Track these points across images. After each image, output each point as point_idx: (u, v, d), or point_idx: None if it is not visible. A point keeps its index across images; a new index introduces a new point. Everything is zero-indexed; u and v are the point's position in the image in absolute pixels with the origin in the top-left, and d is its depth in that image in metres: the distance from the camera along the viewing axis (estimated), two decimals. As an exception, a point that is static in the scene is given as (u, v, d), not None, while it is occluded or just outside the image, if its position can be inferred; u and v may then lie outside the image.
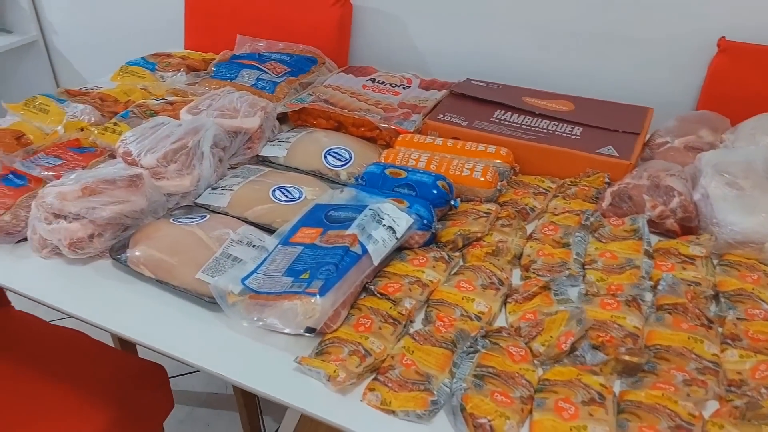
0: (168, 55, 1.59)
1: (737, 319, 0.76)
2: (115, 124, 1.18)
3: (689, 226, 0.92)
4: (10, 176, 1.04)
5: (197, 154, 1.01)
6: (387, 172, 0.99)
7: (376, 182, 0.98)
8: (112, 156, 1.12)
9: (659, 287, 0.81)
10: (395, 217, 0.86)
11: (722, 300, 0.80)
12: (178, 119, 1.13)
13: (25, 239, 0.93)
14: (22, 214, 0.96)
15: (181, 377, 1.85)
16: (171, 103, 1.24)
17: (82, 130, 1.21)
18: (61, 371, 1.16)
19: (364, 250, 0.80)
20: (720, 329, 0.75)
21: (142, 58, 1.57)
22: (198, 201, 1.00)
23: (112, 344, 1.59)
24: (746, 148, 0.97)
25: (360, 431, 0.65)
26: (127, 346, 1.61)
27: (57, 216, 0.87)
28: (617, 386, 0.69)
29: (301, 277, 0.76)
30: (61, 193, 0.86)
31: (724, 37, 1.23)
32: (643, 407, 0.64)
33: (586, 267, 0.87)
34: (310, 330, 0.71)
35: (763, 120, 1.05)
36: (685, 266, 0.85)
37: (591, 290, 0.82)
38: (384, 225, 0.84)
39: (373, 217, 0.84)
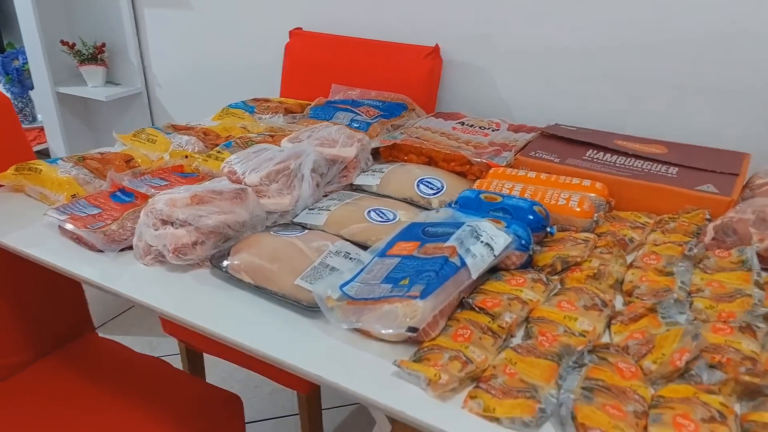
0: (267, 100, 1.69)
1: None
2: (218, 152, 1.25)
3: (803, 261, 0.87)
4: (119, 193, 1.12)
5: (298, 176, 1.06)
6: (482, 196, 1.00)
7: (471, 206, 0.99)
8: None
9: (776, 317, 0.76)
10: (493, 235, 0.86)
11: None
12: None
13: (129, 248, 0.98)
14: (128, 225, 1.01)
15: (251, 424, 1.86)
16: (271, 136, 1.31)
17: (186, 157, 1.29)
18: (141, 398, 1.19)
19: (463, 263, 0.80)
20: None
21: (242, 101, 1.68)
22: (295, 220, 1.04)
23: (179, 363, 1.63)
24: None
25: (462, 435, 0.63)
26: (195, 369, 1.64)
27: (164, 222, 0.92)
28: (737, 409, 0.64)
29: (401, 283, 0.77)
30: (171, 200, 0.92)
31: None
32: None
33: (692, 295, 0.83)
34: (413, 330, 0.70)
35: None
36: (801, 299, 0.80)
37: (700, 317, 0.78)
38: (482, 241, 0.84)
39: (472, 233, 0.85)
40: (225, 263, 0.90)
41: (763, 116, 1.30)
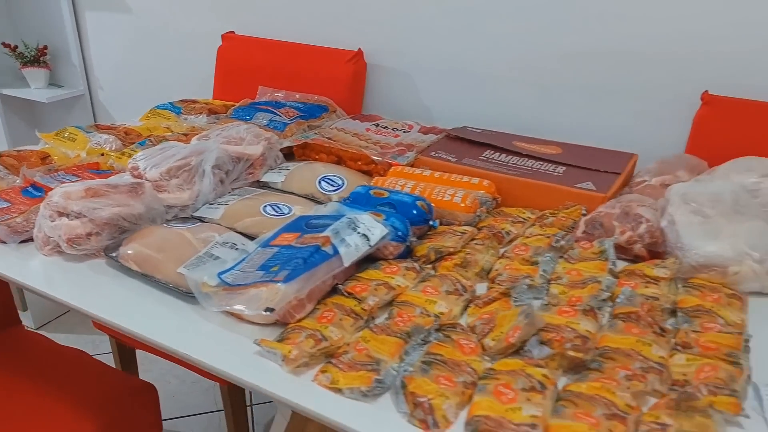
0: (194, 101, 1.73)
1: (693, 331, 0.77)
2: (132, 150, 1.29)
3: (656, 251, 0.95)
4: (30, 188, 1.14)
5: (199, 172, 1.10)
6: (371, 192, 1.05)
7: (361, 201, 1.04)
8: (127, 178, 1.22)
9: (618, 300, 0.83)
10: (370, 227, 0.91)
11: (680, 314, 0.81)
12: (189, 146, 1.23)
13: (31, 239, 1.01)
14: (33, 218, 1.04)
15: (180, 419, 1.88)
16: (185, 135, 1.35)
17: (102, 155, 1.32)
18: (59, 387, 1.21)
19: (336, 251, 0.85)
20: (672, 339, 0.77)
21: (170, 102, 1.71)
22: (195, 214, 1.08)
23: (113, 365, 1.66)
24: (716, 182, 1.01)
25: (308, 406, 0.68)
26: (127, 366, 1.66)
27: (61, 214, 0.95)
28: (563, 382, 0.71)
29: (272, 269, 0.81)
30: (66, 192, 0.95)
31: (707, 91, 1.29)
32: (582, 397, 0.65)
33: (551, 282, 0.90)
34: (269, 310, 0.75)
35: (738, 162, 1.09)
36: (648, 285, 0.87)
37: (552, 301, 0.84)
38: (358, 232, 0.89)
39: (349, 224, 0.90)
40: (115, 253, 0.93)
41: (657, 117, 1.39)
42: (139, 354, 1.69)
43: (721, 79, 1.29)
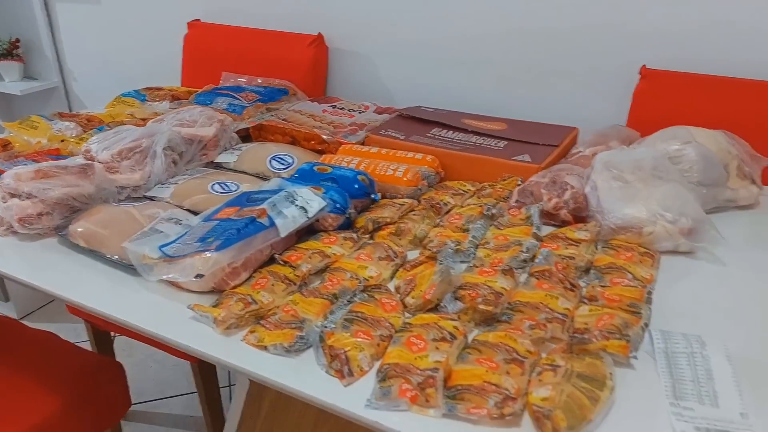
0: (158, 89, 1.76)
1: (600, 285, 0.82)
2: (91, 135, 1.33)
3: (581, 216, 1.00)
4: (-10, 174, 1.18)
5: (150, 154, 1.14)
6: (315, 168, 1.10)
7: (306, 177, 1.09)
8: (86, 163, 1.26)
9: (536, 260, 0.88)
10: (308, 199, 0.96)
11: (593, 272, 0.86)
12: (145, 130, 1.27)
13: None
14: (-7, 203, 1.09)
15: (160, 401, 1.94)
16: (144, 120, 1.39)
17: (62, 141, 1.36)
18: (26, 365, 1.26)
19: (272, 223, 0.90)
20: (581, 294, 0.82)
21: (135, 90, 1.75)
22: (147, 194, 1.12)
23: (90, 347, 1.70)
24: (638, 150, 1.06)
25: (235, 363, 0.73)
26: (104, 351, 1.71)
27: (13, 195, 1.00)
28: (474, 333, 0.76)
29: (207, 240, 0.86)
30: (17, 174, 0.99)
31: (645, 65, 1.34)
32: (487, 344, 0.71)
33: (479, 247, 0.95)
34: (199, 276, 0.80)
35: (665, 131, 1.14)
36: (569, 247, 0.92)
37: (477, 264, 0.89)
38: (296, 205, 0.94)
39: (287, 197, 0.95)
40: (65, 231, 0.98)
41: (600, 92, 1.44)
42: (120, 340, 1.74)
43: (659, 54, 1.34)
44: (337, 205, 0.99)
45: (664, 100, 1.32)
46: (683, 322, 0.78)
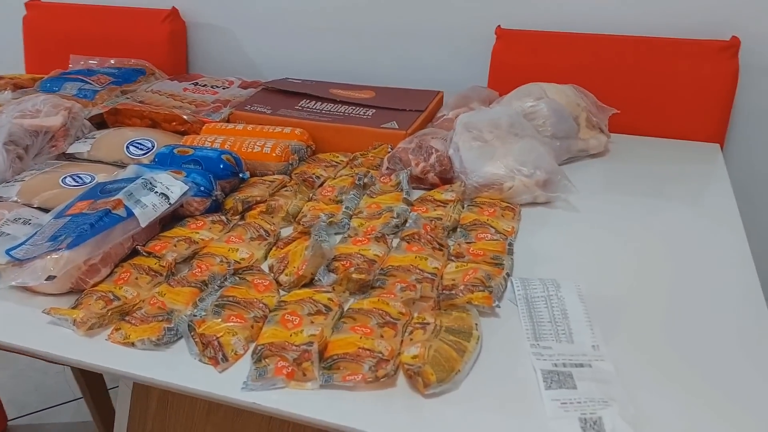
0: (0, 78, 1.59)
1: (466, 242, 0.86)
2: None
3: (447, 178, 1.03)
4: None
5: (-12, 150, 1.03)
6: (176, 151, 1.05)
7: (165, 161, 1.04)
8: None
9: (407, 225, 0.90)
10: (169, 185, 0.91)
11: (459, 230, 0.90)
12: (-19, 124, 1.14)
13: None
14: None
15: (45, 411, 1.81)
16: (-22, 113, 1.25)
17: None
18: None
19: (130, 213, 0.85)
20: (449, 252, 0.85)
21: (-31, 81, 1.57)
22: (-11, 194, 1.02)
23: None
24: (495, 109, 1.11)
25: (100, 364, 0.69)
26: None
27: None
28: (350, 303, 0.77)
29: (59, 239, 0.80)
30: None
31: (500, 25, 1.40)
32: (361, 312, 0.72)
33: (353, 217, 0.95)
34: (51, 277, 0.74)
35: (520, 90, 1.20)
36: (437, 209, 0.95)
37: (351, 234, 0.90)
38: (156, 192, 0.89)
39: (144, 185, 0.90)
40: None
41: (459, 54, 1.48)
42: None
43: (513, 14, 1.40)
44: (201, 188, 0.95)
45: (519, 58, 1.38)
46: (542, 268, 0.83)
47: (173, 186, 0.91)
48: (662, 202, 1.01)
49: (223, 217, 0.94)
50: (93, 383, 1.51)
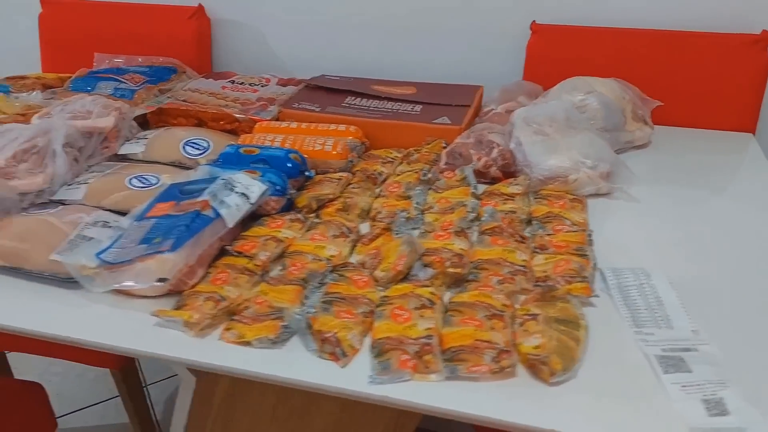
0: (22, 77, 1.56)
1: (546, 234, 0.89)
2: (-38, 138, 1.16)
3: (509, 171, 1.06)
4: None
5: (49, 153, 1.03)
6: (241, 151, 1.05)
7: (232, 161, 1.04)
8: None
9: (483, 219, 0.93)
10: (248, 185, 0.92)
11: (534, 222, 0.93)
12: (30, 126, 1.13)
13: None
14: None
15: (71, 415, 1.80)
16: (23, 114, 1.24)
17: (-74, 148, 1.17)
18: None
19: (217, 214, 0.86)
20: (532, 245, 0.88)
21: (-6, 81, 1.54)
22: (54, 198, 1.01)
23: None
24: (549, 103, 1.14)
25: (221, 363, 0.70)
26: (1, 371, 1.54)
27: None
28: (448, 296, 0.79)
29: (154, 241, 0.81)
30: None
31: (535, 20, 1.42)
32: (465, 305, 0.74)
33: (425, 213, 0.97)
34: (162, 280, 0.75)
35: (565, 83, 1.23)
36: (506, 202, 0.98)
37: (428, 229, 0.92)
38: (237, 192, 0.90)
39: (225, 185, 0.90)
40: (-28, 251, 0.86)
41: (494, 49, 1.51)
42: (11, 358, 1.57)
43: (546, 9, 1.43)
44: (277, 188, 0.96)
45: (554, 53, 1.41)
46: (621, 257, 0.87)
47: (252, 186, 0.92)
48: (709, 191, 1.06)
49: (299, 215, 0.96)
50: (132, 385, 1.50)
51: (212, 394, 1.13)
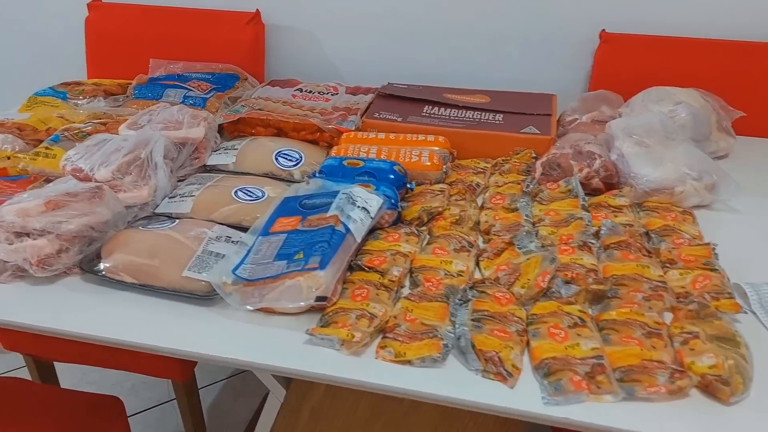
0: (78, 83, 1.54)
1: (670, 248, 0.90)
2: (47, 148, 1.13)
3: (611, 183, 1.06)
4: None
5: (151, 165, 1.01)
6: (345, 163, 1.05)
7: (336, 173, 1.04)
8: (48, 180, 1.08)
9: (602, 232, 0.93)
10: (366, 199, 0.92)
11: (653, 236, 0.94)
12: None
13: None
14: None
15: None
16: (103, 124, 1.22)
17: (8, 158, 1.15)
18: (10, 423, 1.09)
19: (347, 229, 0.85)
20: (658, 259, 0.89)
21: (50, 87, 1.51)
22: (158, 210, 1.00)
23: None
24: (645, 115, 1.14)
25: (385, 383, 0.70)
26: (48, 380, 1.51)
27: (19, 234, 0.83)
28: (590, 312, 0.79)
29: (296, 257, 0.80)
30: (23, 210, 0.83)
31: (604, 29, 1.43)
32: (618, 323, 0.75)
33: (536, 225, 0.98)
34: (322, 298, 0.74)
35: (650, 93, 1.24)
36: (616, 214, 0.98)
37: (545, 242, 0.92)
38: (358, 206, 0.90)
39: (348, 199, 0.90)
40: (99, 267, 0.84)
41: (559, 57, 1.51)
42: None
43: (616, 17, 1.43)
44: (392, 201, 0.96)
45: (624, 62, 1.42)
46: (747, 271, 0.87)
47: (371, 200, 0.92)
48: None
49: (414, 229, 0.95)
50: (191, 396, 1.49)
51: (300, 408, 1.13)
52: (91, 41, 1.75)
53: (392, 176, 1.02)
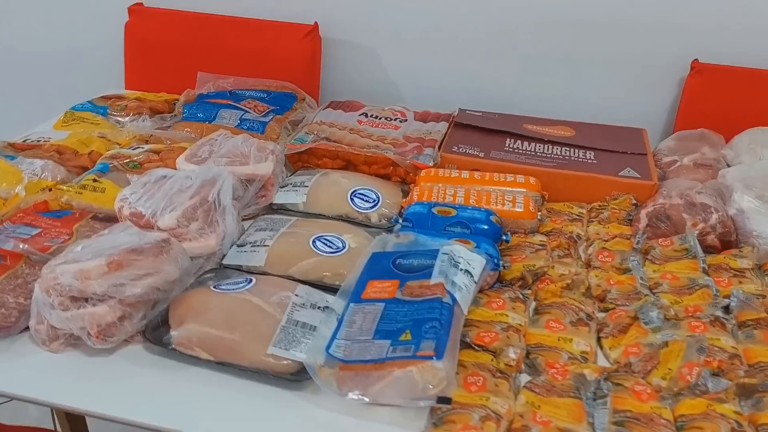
0: (120, 98, 1.43)
1: (816, 327, 0.78)
2: (94, 180, 1.03)
3: (728, 240, 0.95)
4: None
5: (219, 209, 0.90)
6: (434, 210, 0.93)
7: (425, 222, 0.92)
8: (95, 218, 0.98)
9: (732, 303, 0.82)
10: (469, 260, 0.80)
11: (791, 310, 0.82)
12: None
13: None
14: (10, 301, 0.80)
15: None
16: (156, 152, 1.11)
17: (49, 190, 1.04)
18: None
19: (453, 300, 0.74)
20: (806, 340, 0.77)
21: (89, 102, 1.41)
22: (225, 261, 0.89)
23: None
24: (762, 163, 1.03)
25: (517, 506, 0.59)
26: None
27: (75, 299, 0.73)
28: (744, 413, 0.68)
29: (401, 338, 0.69)
30: (82, 272, 0.72)
31: (697, 59, 1.31)
32: (785, 432, 0.63)
33: (653, 291, 0.86)
34: (445, 400, 0.63)
35: (756, 134, 1.12)
36: (740, 280, 0.87)
37: (669, 314, 0.81)
38: (461, 269, 0.78)
39: (450, 261, 0.79)
40: (169, 339, 0.74)
41: (644, 86, 1.39)
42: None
43: (709, 47, 1.31)
44: (494, 261, 0.85)
45: (716, 95, 1.30)
46: None
47: (473, 261, 0.81)
48: None
49: (518, 294, 0.84)
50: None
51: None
52: (130, 48, 1.63)
53: (486, 227, 0.91)
